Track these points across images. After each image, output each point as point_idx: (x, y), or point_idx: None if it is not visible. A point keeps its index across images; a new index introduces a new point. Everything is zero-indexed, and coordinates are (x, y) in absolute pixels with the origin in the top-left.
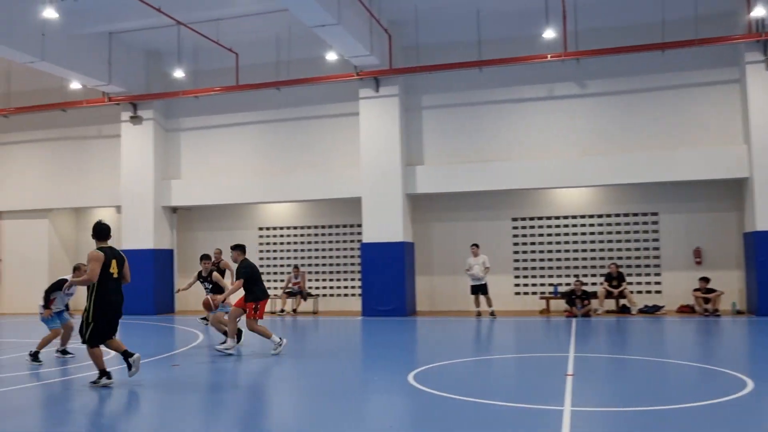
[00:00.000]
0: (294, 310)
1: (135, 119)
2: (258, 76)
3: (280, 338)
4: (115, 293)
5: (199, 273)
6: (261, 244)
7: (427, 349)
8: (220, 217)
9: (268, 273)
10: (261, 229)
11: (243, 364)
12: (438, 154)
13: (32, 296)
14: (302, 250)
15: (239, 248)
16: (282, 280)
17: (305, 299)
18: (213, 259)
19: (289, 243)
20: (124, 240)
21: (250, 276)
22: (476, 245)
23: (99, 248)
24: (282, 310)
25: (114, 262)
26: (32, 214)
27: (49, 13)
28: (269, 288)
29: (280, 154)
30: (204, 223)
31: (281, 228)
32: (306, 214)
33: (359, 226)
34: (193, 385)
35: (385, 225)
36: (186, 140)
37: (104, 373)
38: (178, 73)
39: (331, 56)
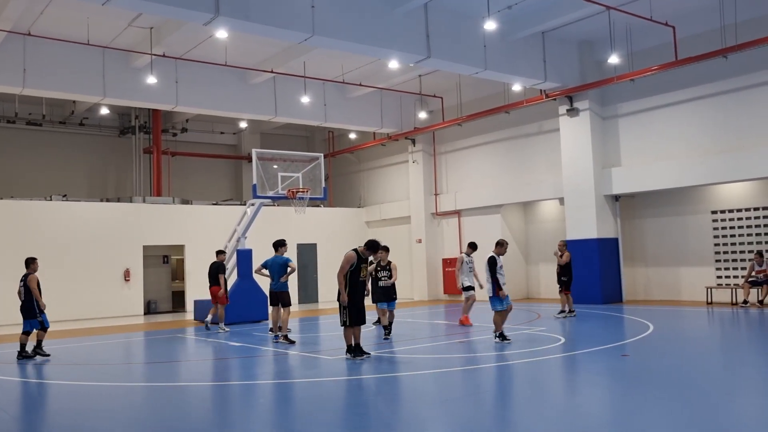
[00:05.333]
0: (760, 302)
1: (571, 111)
2: (700, 47)
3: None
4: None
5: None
6: (715, 229)
7: None
8: (667, 203)
9: (725, 261)
10: (714, 212)
11: (703, 357)
12: None
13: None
14: (766, 234)
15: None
16: (743, 269)
17: None
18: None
19: (749, 227)
20: (568, 230)
21: None
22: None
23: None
24: (745, 302)
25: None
26: (486, 210)
27: (489, 25)
28: (728, 277)
29: (730, 129)
30: (649, 209)
31: (739, 210)
32: None
33: None
34: (644, 376)
35: None
36: (624, 126)
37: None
38: (613, 59)
39: None
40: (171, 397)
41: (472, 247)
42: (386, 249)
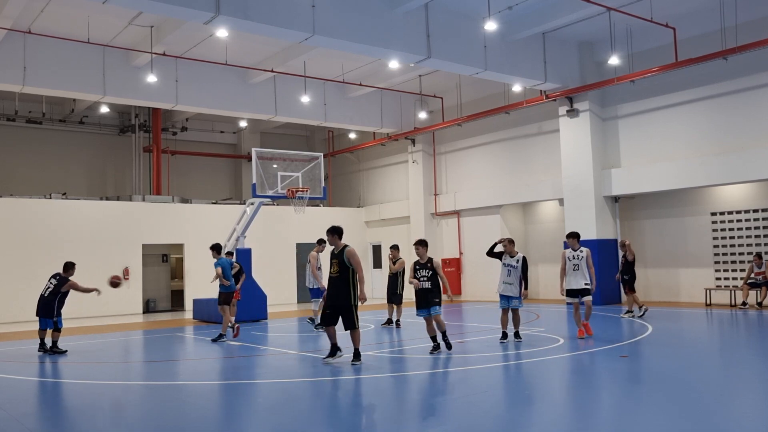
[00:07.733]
0: (759, 303)
1: (571, 112)
2: (700, 49)
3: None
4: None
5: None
6: (715, 230)
7: None
8: (667, 204)
9: (724, 263)
10: (714, 214)
11: (701, 358)
12: None
13: (488, 285)
14: (765, 236)
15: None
16: (742, 270)
17: None
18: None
19: (748, 228)
20: (567, 231)
21: None
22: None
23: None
24: (744, 303)
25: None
26: (486, 210)
27: (490, 26)
28: (727, 279)
29: (730, 131)
30: (649, 211)
31: (738, 212)
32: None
33: None
34: (643, 377)
35: None
36: (624, 127)
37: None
38: (613, 60)
39: None
40: (169, 396)
41: (575, 237)
42: (423, 243)
